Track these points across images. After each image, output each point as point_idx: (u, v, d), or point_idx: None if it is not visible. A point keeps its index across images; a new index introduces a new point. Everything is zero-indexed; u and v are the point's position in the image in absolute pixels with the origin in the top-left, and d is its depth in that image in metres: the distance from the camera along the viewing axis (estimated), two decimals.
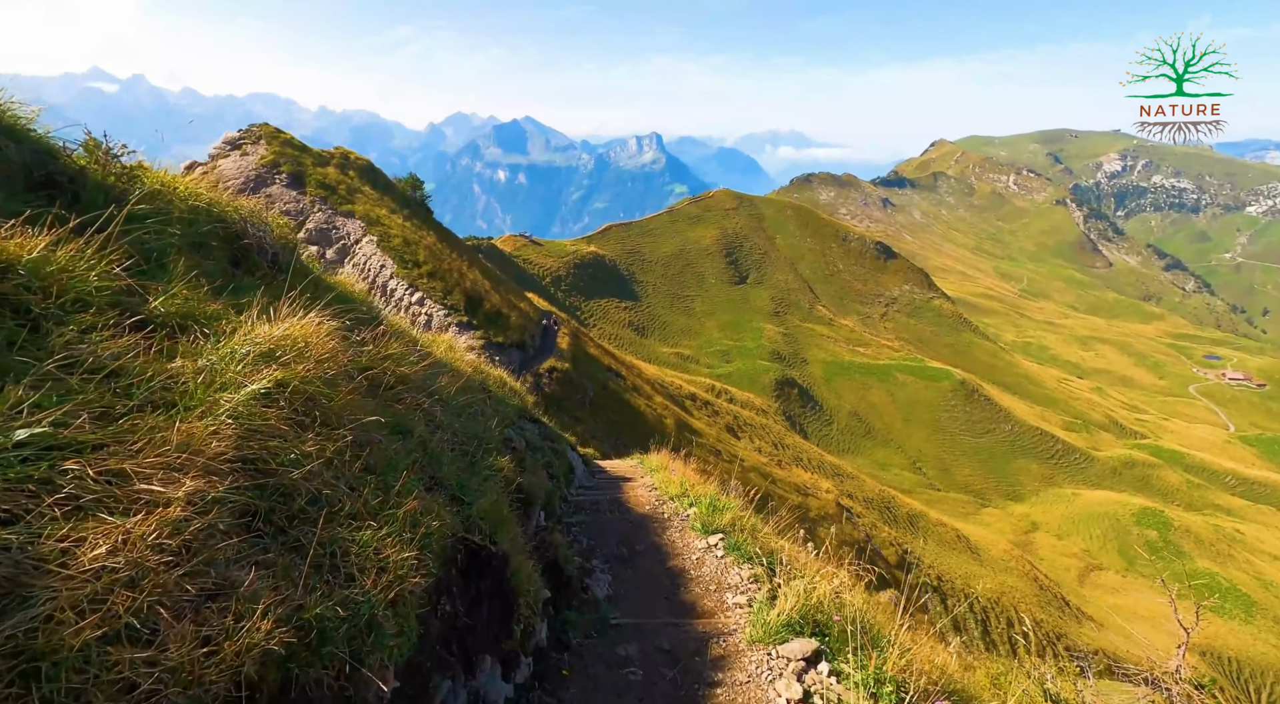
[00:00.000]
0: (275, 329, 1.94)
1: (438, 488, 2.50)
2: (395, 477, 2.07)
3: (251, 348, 1.83)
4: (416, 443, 2.55)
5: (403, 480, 2.04)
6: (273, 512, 1.59)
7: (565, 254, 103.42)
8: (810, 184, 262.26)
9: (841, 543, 35.13)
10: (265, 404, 1.70)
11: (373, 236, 33.17)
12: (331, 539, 1.64)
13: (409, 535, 1.84)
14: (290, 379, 1.80)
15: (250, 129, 36.56)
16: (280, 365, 1.83)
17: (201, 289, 2.21)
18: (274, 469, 1.59)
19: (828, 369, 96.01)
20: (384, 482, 2.02)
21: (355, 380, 2.24)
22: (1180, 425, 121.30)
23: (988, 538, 63.78)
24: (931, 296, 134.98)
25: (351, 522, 1.75)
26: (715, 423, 52.65)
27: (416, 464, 2.41)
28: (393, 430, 2.44)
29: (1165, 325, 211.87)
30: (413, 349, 3.46)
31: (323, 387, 1.92)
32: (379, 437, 2.12)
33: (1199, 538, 70.88)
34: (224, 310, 2.11)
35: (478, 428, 3.44)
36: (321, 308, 2.18)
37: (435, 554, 1.98)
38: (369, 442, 2.05)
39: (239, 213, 3.48)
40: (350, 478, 1.88)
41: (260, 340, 1.86)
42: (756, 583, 4.56)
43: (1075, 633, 48.12)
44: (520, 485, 3.84)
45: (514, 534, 2.76)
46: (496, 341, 31.81)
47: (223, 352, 1.80)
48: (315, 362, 1.91)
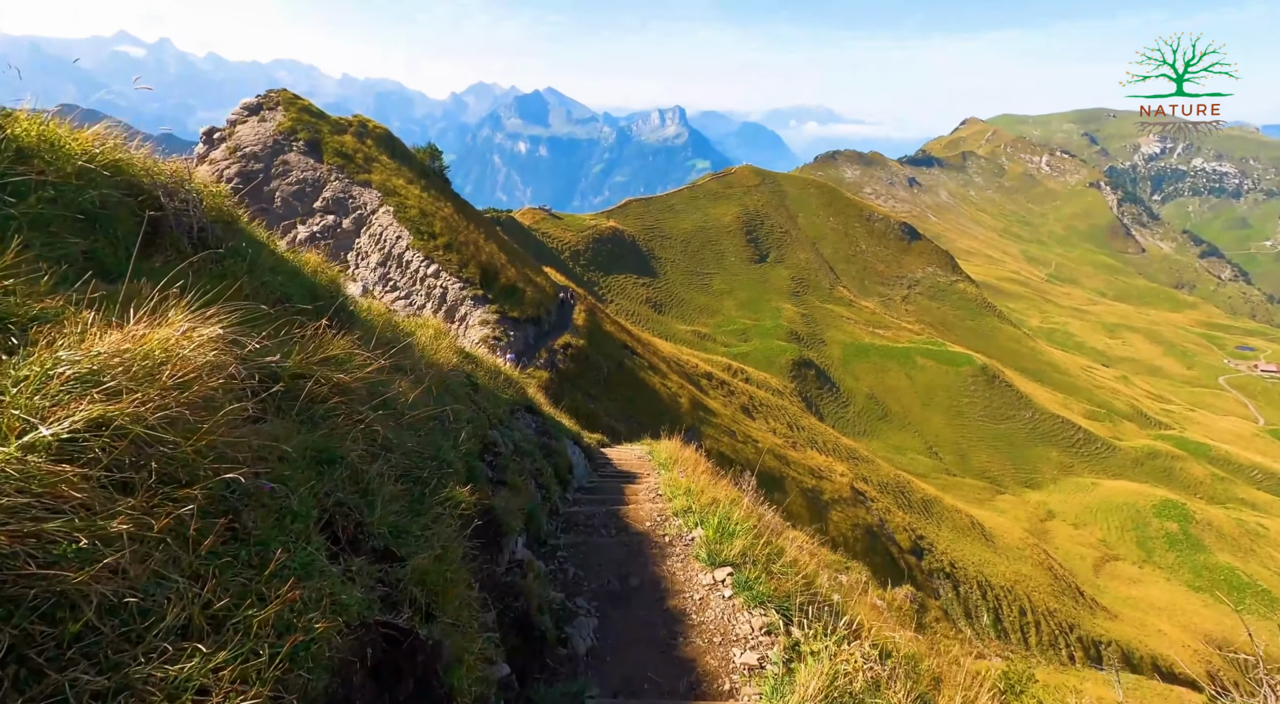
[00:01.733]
0: (103, 342, 1.40)
1: (360, 542, 1.94)
2: (282, 543, 1.54)
3: (71, 368, 1.31)
4: (341, 479, 2.02)
5: (278, 557, 1.49)
6: (27, 641, 1.07)
7: (584, 228, 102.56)
8: (835, 162, 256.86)
9: (854, 526, 34.58)
10: (62, 458, 1.19)
11: (389, 207, 32.83)
12: (125, 684, 1.11)
13: (272, 649, 1.29)
14: (113, 416, 1.27)
15: (268, 94, 36.17)
16: (106, 394, 1.31)
17: (42, 278, 1.69)
18: (34, 574, 1.07)
19: (846, 351, 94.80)
20: (259, 555, 1.49)
21: (255, 399, 1.78)
22: (1207, 417, 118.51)
23: (1003, 525, 63.07)
24: (955, 279, 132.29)
25: (177, 640, 1.21)
26: (731, 403, 52.23)
27: (332, 513, 1.88)
28: (314, 463, 1.96)
29: (1197, 314, 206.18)
30: (367, 347, 2.84)
31: (171, 424, 1.43)
32: (269, 484, 1.63)
33: (1221, 532, 69.51)
34: (63, 309, 1.59)
35: (439, 445, 2.90)
36: (250, 296, 1.75)
37: (323, 664, 1.43)
38: (251, 493, 1.56)
39: (154, 176, 2.86)
40: (192, 563, 1.33)
41: (80, 359, 1.33)
42: (770, 635, 3.85)
43: (1089, 624, 47.62)
44: (492, 511, 3.34)
45: (462, 600, 2.19)
46: (511, 316, 31.49)
47: (21, 373, 1.29)
48: (166, 387, 1.41)
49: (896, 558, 41.28)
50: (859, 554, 36.72)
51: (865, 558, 37.07)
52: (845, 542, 36.86)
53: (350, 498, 2.00)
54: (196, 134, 36.72)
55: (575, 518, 5.68)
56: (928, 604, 34.10)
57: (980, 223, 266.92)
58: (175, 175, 2.98)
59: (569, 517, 5.72)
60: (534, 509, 4.83)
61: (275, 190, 32.87)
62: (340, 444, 2.12)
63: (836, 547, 34.97)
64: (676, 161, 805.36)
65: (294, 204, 32.91)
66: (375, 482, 2.15)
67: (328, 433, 2.12)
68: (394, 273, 31.82)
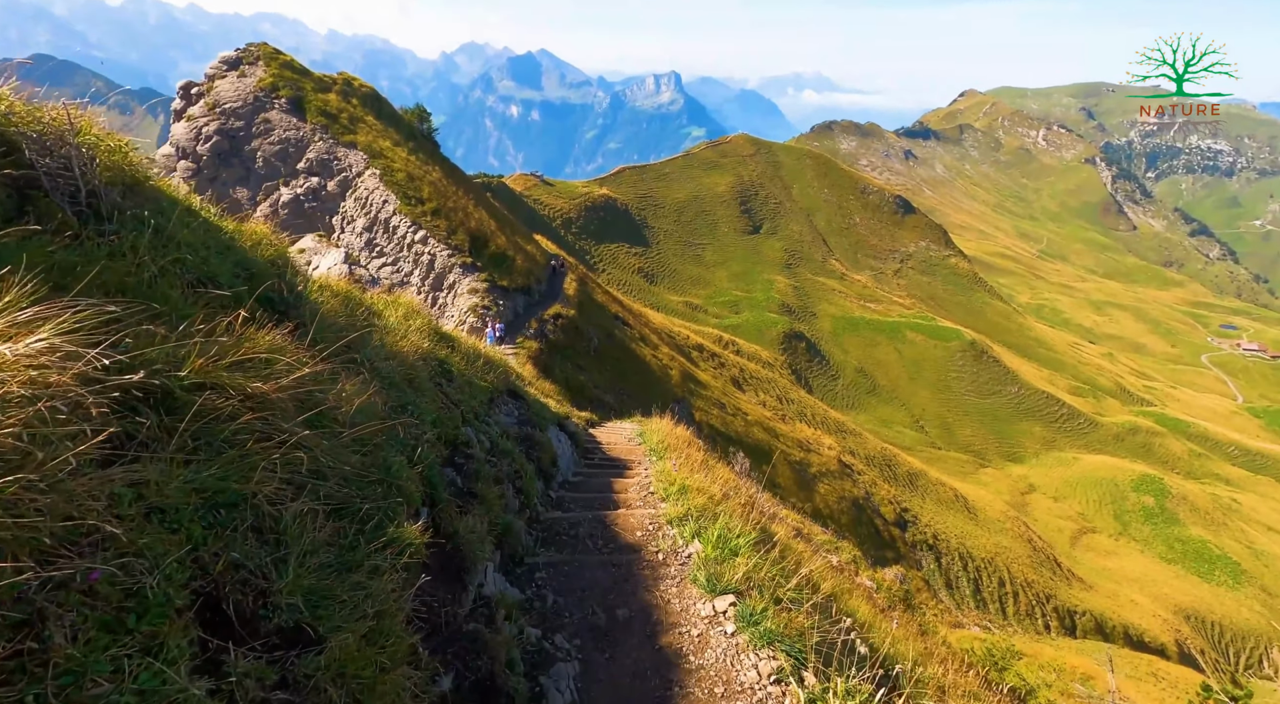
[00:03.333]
0: None
1: (261, 622, 1.48)
2: (110, 661, 1.08)
3: None
4: (242, 530, 1.54)
5: (94, 694, 1.02)
6: None
7: (577, 196, 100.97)
8: (831, 132, 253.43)
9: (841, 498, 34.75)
10: None
11: (375, 170, 31.86)
12: None
13: None
14: None
15: (249, 48, 34.72)
16: None
17: None
18: None
19: (837, 324, 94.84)
20: (59, 696, 1.01)
21: (117, 428, 1.31)
22: (1188, 394, 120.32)
23: (985, 498, 64.10)
24: (948, 254, 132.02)
25: None
26: (721, 375, 52.15)
27: (220, 585, 1.41)
28: (203, 512, 1.48)
29: (1184, 293, 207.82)
30: (307, 340, 2.50)
31: None
32: (97, 572, 1.14)
33: (1195, 506, 71.12)
34: None
35: (389, 461, 2.35)
36: (151, 280, 1.35)
37: None
38: (68, 584, 1.09)
39: (24, 127, 2.18)
40: None
41: None
42: (779, 684, 3.27)
43: (1065, 594, 48.78)
44: (455, 538, 2.82)
45: (399, 688, 1.69)
46: (501, 285, 30.90)
47: None
48: None
49: (881, 530, 41.83)
50: (845, 527, 37.13)
51: (851, 530, 37.51)
52: (832, 514, 37.23)
53: (252, 557, 1.51)
54: None
55: (558, 527, 5.14)
56: (909, 576, 34.62)
57: (974, 197, 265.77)
58: (53, 124, 2.27)
59: (551, 525, 5.16)
60: (509, 525, 4.34)
61: (257, 150, 31.78)
62: (245, 479, 1.61)
63: (823, 519, 35.32)
64: (671, 129, 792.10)
65: (276, 165, 31.88)
66: (292, 528, 1.65)
67: (229, 465, 1.61)
68: (380, 238, 31.06)
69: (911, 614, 10.79)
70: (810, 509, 34.56)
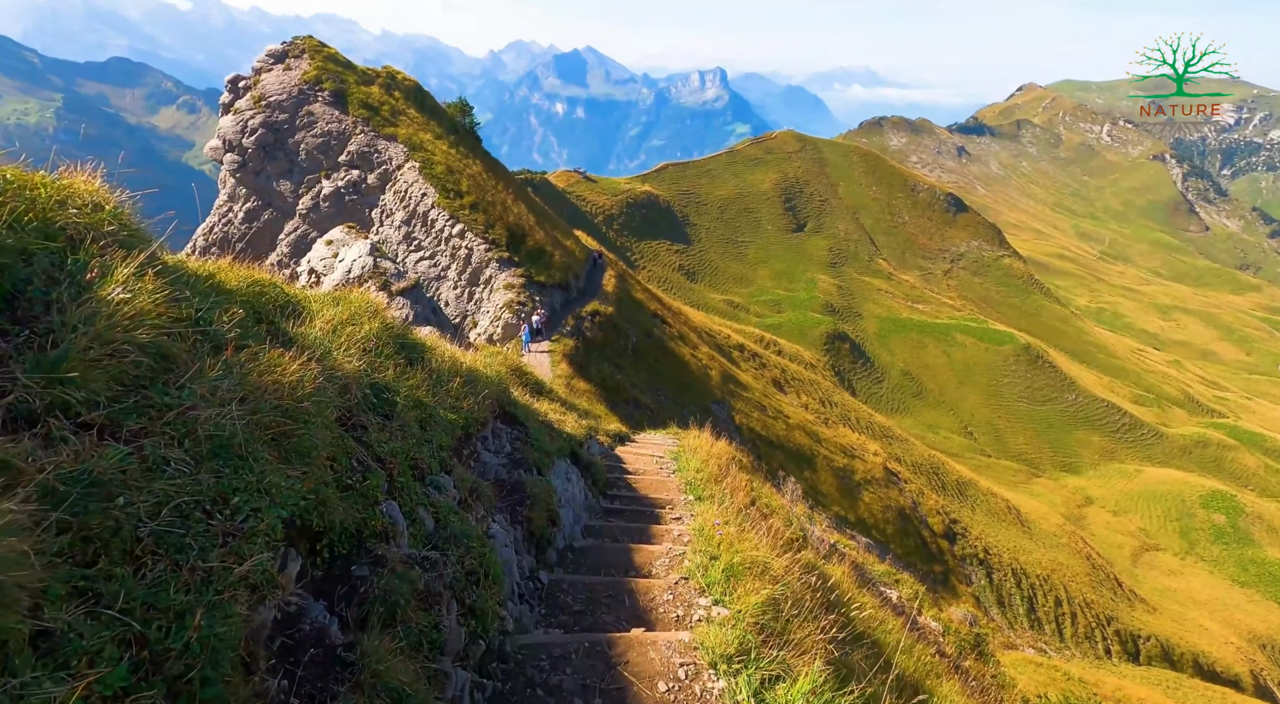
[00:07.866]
0: None
1: None
2: None
3: None
4: None
5: None
6: None
7: (619, 192, 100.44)
8: (880, 128, 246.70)
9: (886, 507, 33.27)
10: None
11: (415, 163, 31.72)
12: None
13: None
14: None
15: (294, 42, 35.07)
16: None
17: None
18: None
19: (882, 325, 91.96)
20: None
21: None
22: (1265, 406, 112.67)
23: (1039, 510, 61.01)
24: (1001, 254, 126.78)
25: None
26: (762, 376, 50.77)
27: None
28: None
29: (1260, 297, 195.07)
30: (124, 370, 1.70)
31: None
32: None
33: (1272, 526, 66.36)
34: None
35: (184, 613, 1.39)
36: None
37: None
38: None
39: None
40: None
41: None
42: None
43: (1127, 617, 45.86)
44: None
45: None
46: (538, 281, 30.37)
47: None
48: None
49: (929, 542, 39.96)
50: (890, 537, 35.53)
51: (897, 541, 35.88)
52: (876, 524, 35.66)
53: None
54: None
55: (531, 665, 3.24)
56: (979, 617, 32.90)
57: (1031, 195, 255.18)
58: None
59: (522, 661, 3.27)
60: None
61: (300, 142, 32.00)
62: None
63: (868, 529, 33.78)
64: (715, 125, 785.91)
65: (318, 157, 32.04)
66: None
67: None
68: (418, 232, 30.89)
69: (984, 663, 9.64)
70: (854, 518, 33.14)
